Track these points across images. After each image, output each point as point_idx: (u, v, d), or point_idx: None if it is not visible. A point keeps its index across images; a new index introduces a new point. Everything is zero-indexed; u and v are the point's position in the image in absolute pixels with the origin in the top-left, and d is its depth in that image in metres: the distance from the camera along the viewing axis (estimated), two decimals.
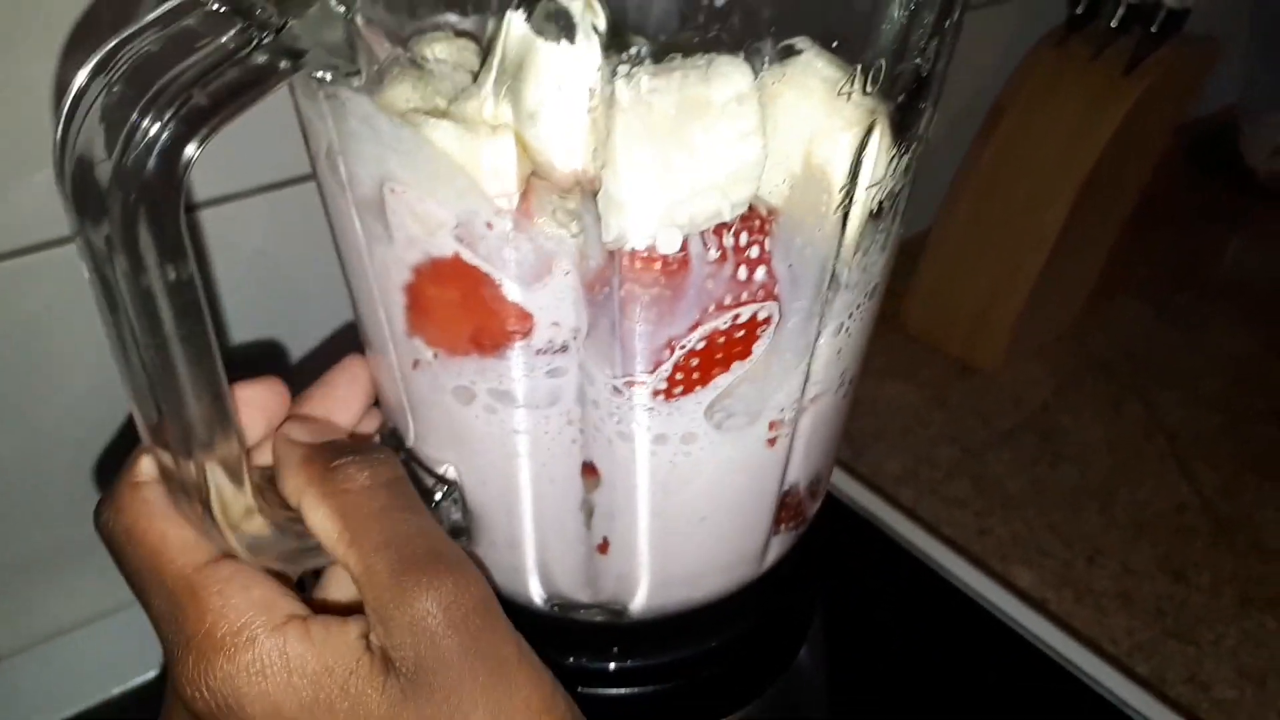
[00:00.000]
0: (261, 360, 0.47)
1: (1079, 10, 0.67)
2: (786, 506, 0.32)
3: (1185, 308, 0.81)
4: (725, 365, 0.26)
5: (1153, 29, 0.64)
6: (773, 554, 0.33)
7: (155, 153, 0.19)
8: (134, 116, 0.19)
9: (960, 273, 0.72)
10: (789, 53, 0.22)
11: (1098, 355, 0.76)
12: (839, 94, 0.22)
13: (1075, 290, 0.77)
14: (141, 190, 0.19)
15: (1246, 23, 0.94)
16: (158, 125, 0.19)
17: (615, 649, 0.33)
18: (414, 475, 0.29)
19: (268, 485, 0.26)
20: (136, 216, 0.19)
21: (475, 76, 0.22)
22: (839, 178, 0.24)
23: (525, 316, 0.24)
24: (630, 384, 0.26)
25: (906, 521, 0.60)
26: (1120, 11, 0.65)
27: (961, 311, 0.73)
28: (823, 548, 0.37)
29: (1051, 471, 0.66)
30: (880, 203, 0.25)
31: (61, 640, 0.47)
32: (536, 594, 0.31)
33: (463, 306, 0.24)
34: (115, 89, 0.20)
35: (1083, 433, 0.69)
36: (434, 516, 0.27)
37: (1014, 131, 0.67)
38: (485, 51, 0.22)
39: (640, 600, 0.31)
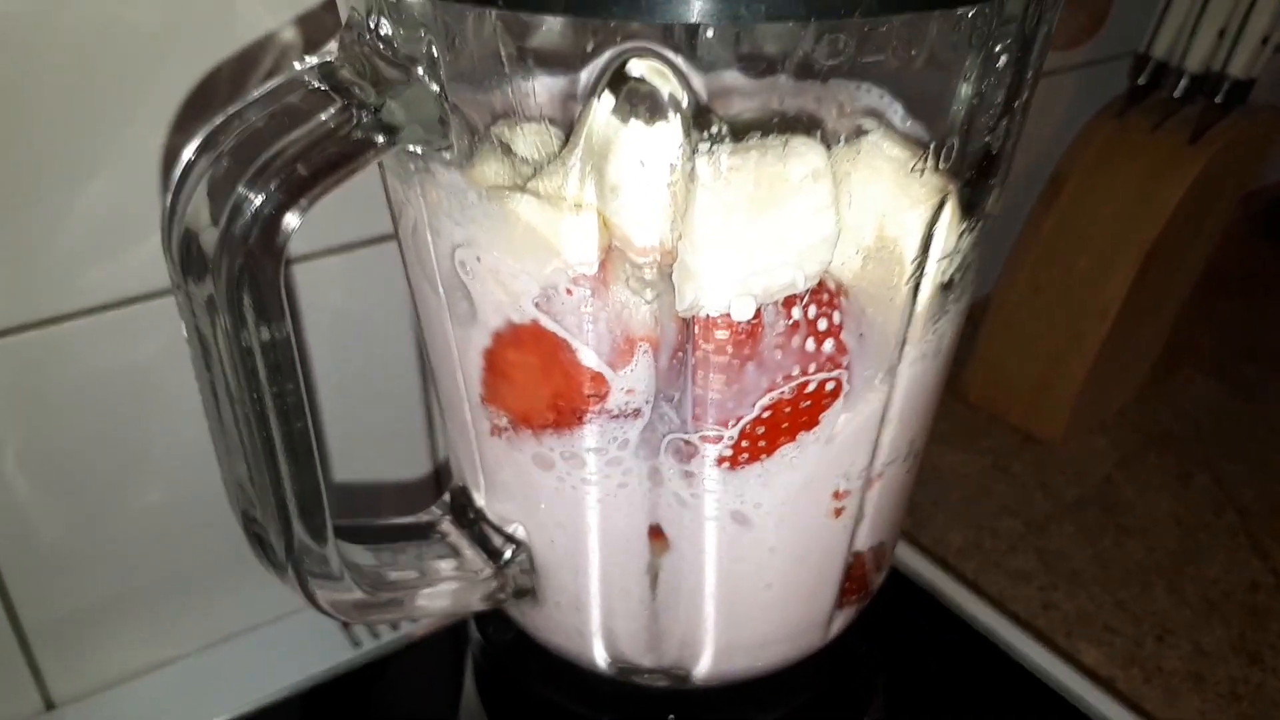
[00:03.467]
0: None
1: (1141, 81, 0.67)
2: (851, 578, 0.32)
3: (1252, 380, 0.80)
4: (791, 435, 0.26)
5: (1217, 99, 0.64)
6: (837, 625, 0.33)
7: (258, 221, 0.20)
8: (239, 188, 0.20)
9: (1021, 342, 0.71)
10: (859, 133, 0.23)
11: (1163, 428, 0.74)
12: (912, 171, 0.22)
13: (1139, 361, 0.75)
14: (245, 256, 0.20)
15: None
16: (261, 196, 0.20)
17: (677, 716, 0.33)
18: (483, 535, 0.29)
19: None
20: (239, 280, 0.20)
21: (560, 150, 0.23)
22: (910, 251, 0.24)
23: (601, 382, 0.25)
24: (697, 451, 0.26)
25: (969, 595, 0.59)
26: (1183, 82, 0.65)
27: (1023, 381, 0.72)
28: (886, 620, 0.37)
29: (1117, 546, 0.65)
30: (951, 276, 0.25)
31: (123, 688, 0.48)
32: (600, 657, 0.31)
33: (541, 371, 0.25)
34: (223, 162, 0.21)
35: (1149, 507, 0.68)
36: (502, 575, 0.28)
37: (1075, 201, 0.67)
38: (568, 131, 0.23)
39: (703, 666, 0.31)
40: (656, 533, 0.28)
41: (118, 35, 0.34)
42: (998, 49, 0.23)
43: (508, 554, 0.30)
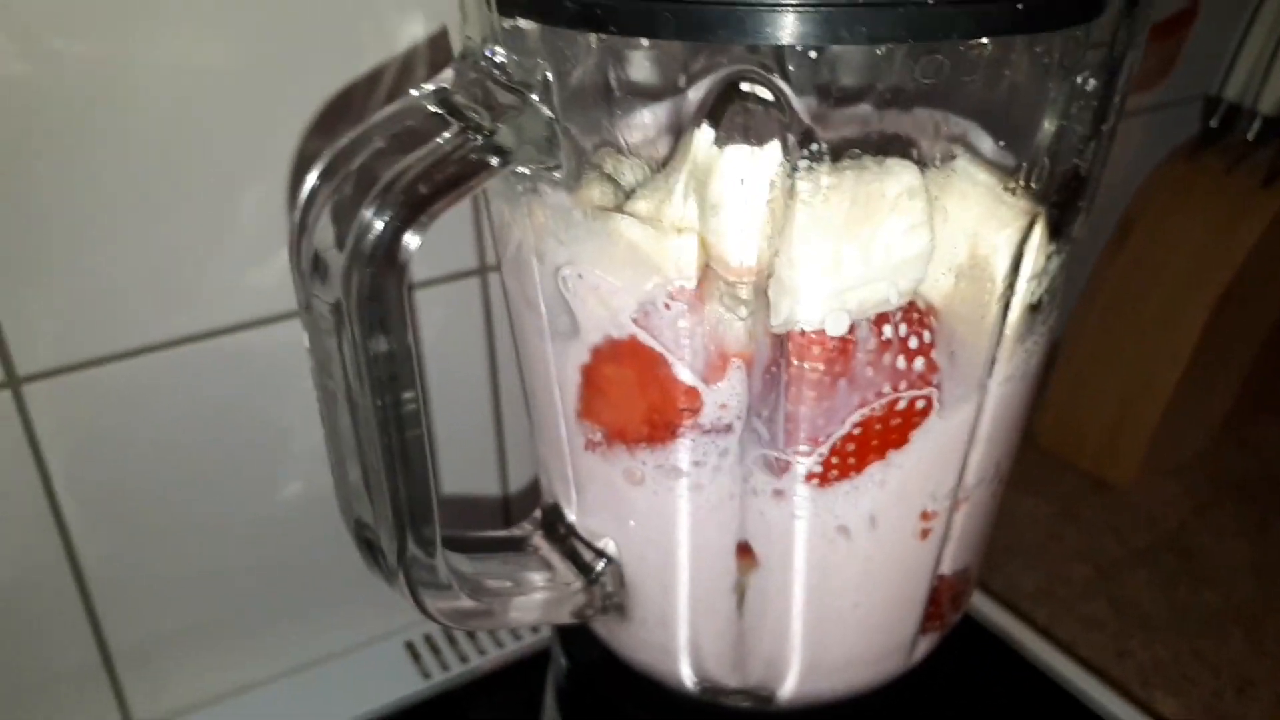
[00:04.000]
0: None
1: (1213, 124, 0.67)
2: (936, 602, 0.32)
3: None
4: (881, 453, 0.27)
5: None
6: (919, 651, 0.33)
7: (383, 238, 0.22)
8: (365, 207, 0.22)
9: (1092, 387, 0.71)
10: (951, 156, 0.24)
11: (1238, 474, 0.73)
12: (1006, 190, 0.23)
13: (1213, 407, 0.74)
14: (371, 271, 0.21)
15: None
16: (386, 215, 0.22)
17: None
18: (574, 550, 0.30)
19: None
20: (366, 294, 0.22)
21: (662, 169, 0.24)
22: (1001, 271, 0.25)
23: (695, 396, 0.26)
24: (788, 467, 0.27)
25: (1042, 641, 0.58)
26: (1256, 124, 0.65)
27: (1093, 426, 0.71)
28: (963, 657, 0.37)
29: (1193, 594, 0.63)
30: (1040, 296, 0.26)
31: (201, 713, 0.50)
32: (686, 676, 0.32)
33: (637, 386, 0.26)
34: (348, 182, 0.22)
35: (1225, 554, 0.66)
36: (591, 590, 0.28)
37: (1145, 243, 0.67)
38: (671, 151, 0.24)
39: (788, 687, 0.31)
40: (744, 550, 0.29)
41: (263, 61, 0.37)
42: (1086, 72, 0.24)
43: (598, 568, 0.30)
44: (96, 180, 0.36)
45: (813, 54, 0.21)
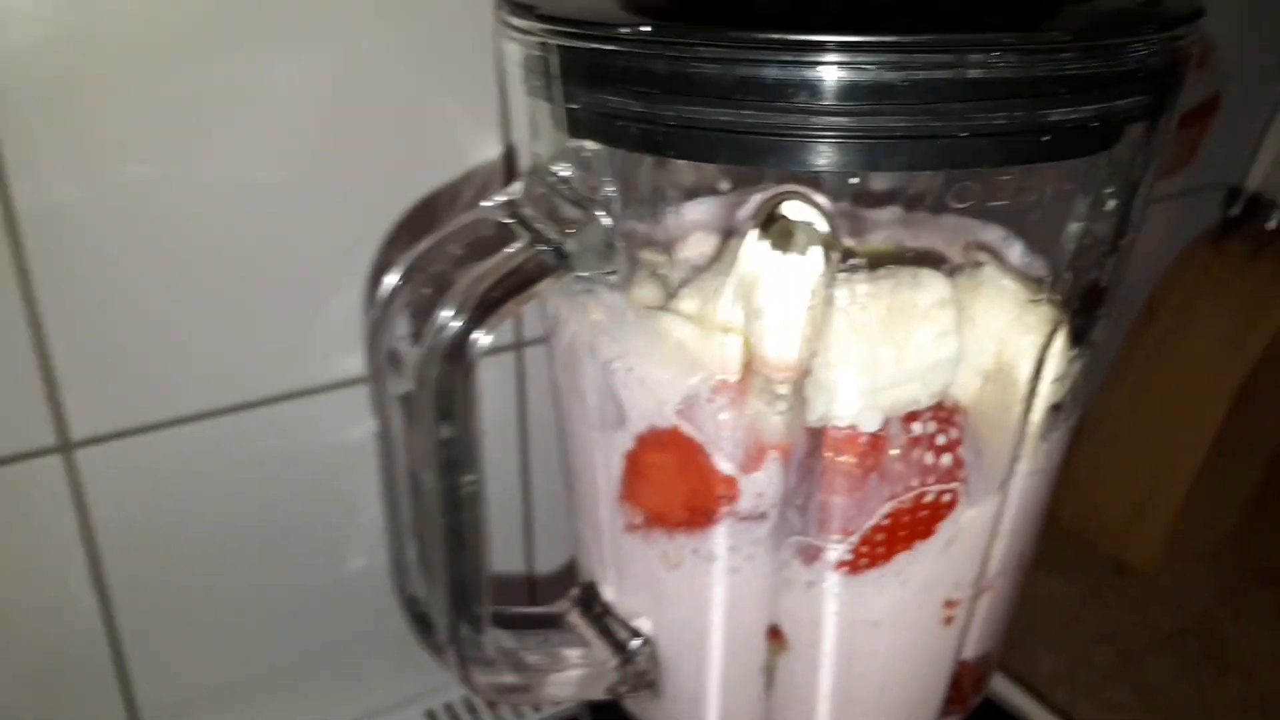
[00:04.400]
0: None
1: (1234, 212, 0.68)
2: (957, 686, 0.33)
3: None
4: (908, 543, 0.28)
5: None
6: None
7: (456, 337, 0.23)
8: (440, 308, 0.24)
9: (1114, 470, 0.71)
10: (978, 266, 0.26)
11: (1262, 562, 0.73)
12: (1031, 301, 0.25)
13: (1238, 491, 0.75)
14: (443, 366, 0.23)
15: None
16: (460, 317, 0.23)
17: None
18: (609, 628, 0.31)
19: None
20: (436, 386, 0.23)
21: (710, 275, 0.26)
22: (1025, 374, 0.26)
23: (732, 484, 0.27)
24: (819, 554, 0.28)
25: None
26: (1277, 215, 0.66)
27: (1116, 509, 0.72)
28: None
29: (1217, 683, 0.63)
30: (1062, 398, 0.27)
31: None
32: None
33: (678, 472, 0.28)
34: (425, 285, 0.24)
35: (1251, 643, 0.66)
36: (625, 668, 0.29)
37: (1170, 327, 0.68)
38: (713, 258, 0.26)
39: None
40: (775, 633, 0.30)
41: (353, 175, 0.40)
42: (1107, 193, 0.25)
43: (633, 646, 0.31)
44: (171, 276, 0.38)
45: (853, 180, 0.23)
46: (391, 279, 0.25)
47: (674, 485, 0.28)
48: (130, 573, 0.43)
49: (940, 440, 0.27)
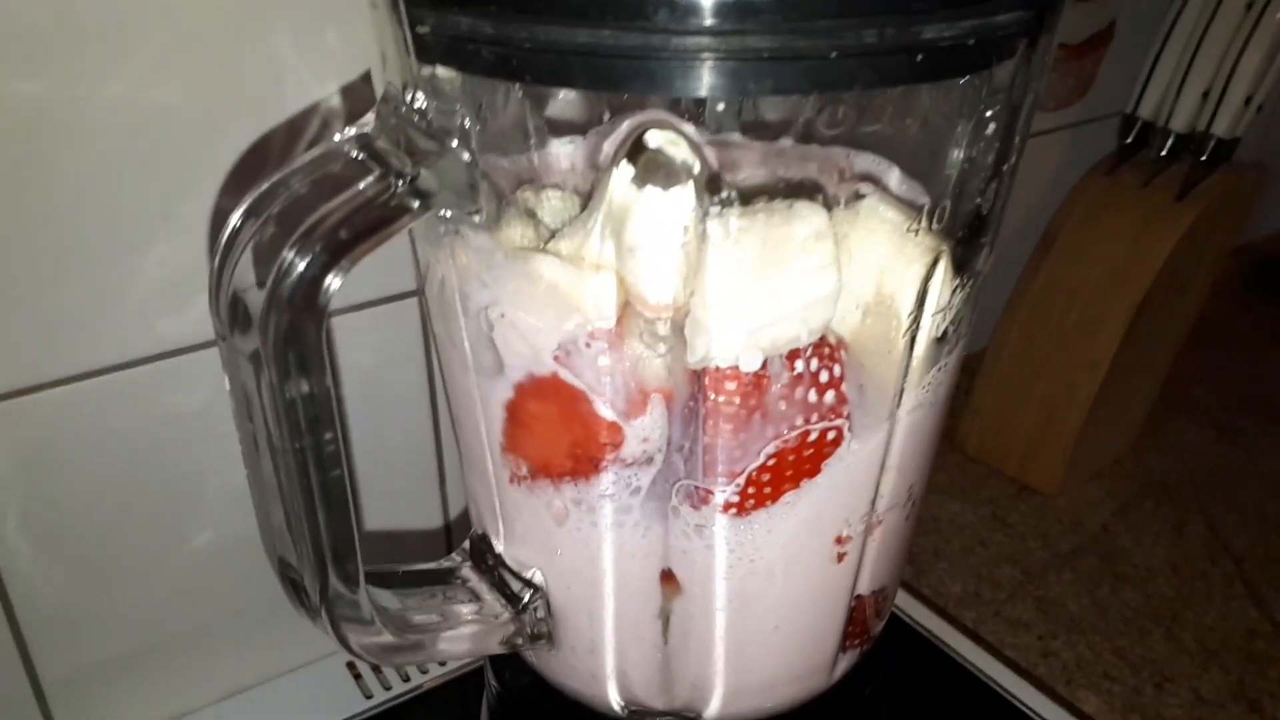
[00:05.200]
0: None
1: (1128, 140, 0.69)
2: (854, 621, 0.33)
3: (1245, 430, 0.81)
4: (795, 482, 0.28)
5: (1202, 158, 0.66)
6: (841, 668, 0.34)
7: (303, 283, 0.22)
8: (285, 251, 0.22)
9: (1015, 396, 0.73)
10: (857, 197, 0.25)
11: (1158, 477, 0.76)
12: (908, 231, 0.24)
13: (1133, 413, 0.77)
14: (291, 315, 0.22)
15: None
16: (306, 259, 0.22)
17: None
18: (502, 581, 0.30)
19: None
20: (285, 337, 0.22)
21: (580, 213, 0.24)
22: (906, 307, 0.26)
23: (617, 430, 0.26)
24: (707, 497, 0.27)
25: (969, 643, 0.59)
26: (1169, 141, 0.67)
27: (1018, 434, 0.73)
28: (887, 667, 0.38)
29: (1114, 594, 0.65)
30: (945, 329, 0.27)
31: None
32: (614, 700, 0.32)
33: (560, 421, 0.27)
34: (269, 226, 0.23)
35: (1145, 555, 0.68)
36: (520, 620, 0.29)
37: (1066, 257, 0.69)
38: (587, 196, 0.25)
39: (714, 708, 0.32)
40: (668, 577, 0.29)
41: (177, 111, 0.37)
42: (987, 116, 0.25)
43: (525, 598, 0.31)
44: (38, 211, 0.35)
45: (720, 104, 0.22)
46: (233, 219, 0.23)
47: (556, 434, 0.27)
48: (16, 544, 0.41)
49: (823, 377, 0.26)
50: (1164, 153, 0.68)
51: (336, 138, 0.24)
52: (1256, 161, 0.70)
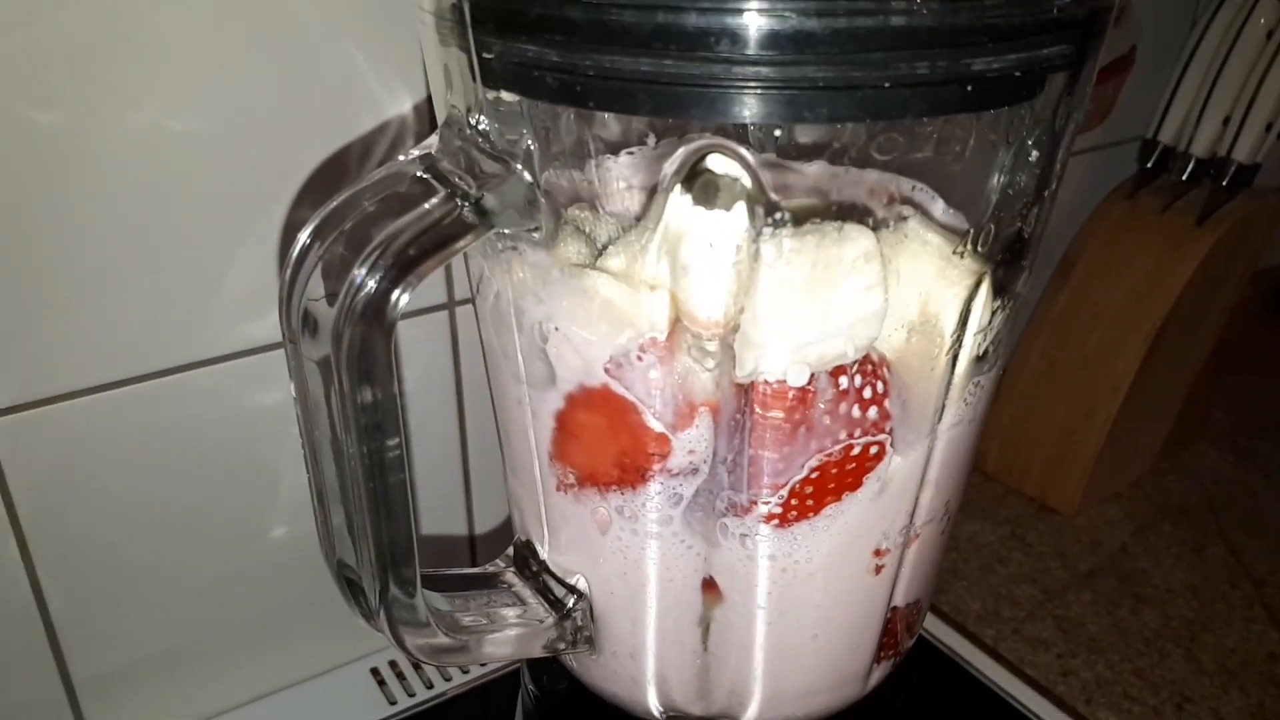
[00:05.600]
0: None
1: (1149, 164, 0.70)
2: (889, 632, 0.33)
3: (1265, 454, 0.81)
4: (837, 495, 0.28)
5: (1223, 183, 0.67)
6: (875, 678, 0.34)
7: (374, 297, 0.23)
8: (356, 268, 0.23)
9: (1035, 416, 0.73)
10: (903, 219, 0.26)
11: (1177, 500, 0.76)
12: (954, 253, 0.25)
13: (1152, 435, 0.77)
14: (362, 328, 0.23)
15: None
16: (377, 276, 0.23)
17: None
18: (545, 586, 0.31)
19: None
20: (357, 349, 0.23)
21: (636, 231, 0.25)
22: (949, 326, 0.26)
23: (664, 441, 0.27)
24: (750, 508, 0.28)
25: (989, 660, 0.60)
26: (1190, 166, 0.68)
27: (1037, 454, 0.74)
28: (916, 680, 0.38)
29: (1133, 615, 0.66)
30: (985, 349, 0.28)
31: None
32: (653, 705, 0.33)
33: (609, 431, 0.27)
34: (339, 243, 0.23)
35: (1164, 577, 0.69)
36: (562, 625, 0.29)
37: (1087, 279, 0.70)
38: (639, 215, 0.26)
39: (751, 714, 0.32)
40: (710, 585, 0.30)
41: (258, 127, 0.38)
42: (1030, 143, 0.25)
43: (569, 604, 0.31)
44: (79, 230, 0.37)
45: (777, 130, 0.23)
46: (303, 236, 0.24)
47: (605, 444, 0.28)
48: (56, 546, 0.42)
49: (867, 393, 0.27)
50: (1184, 177, 0.68)
51: (401, 158, 0.25)
52: (1277, 187, 0.71)
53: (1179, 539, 0.72)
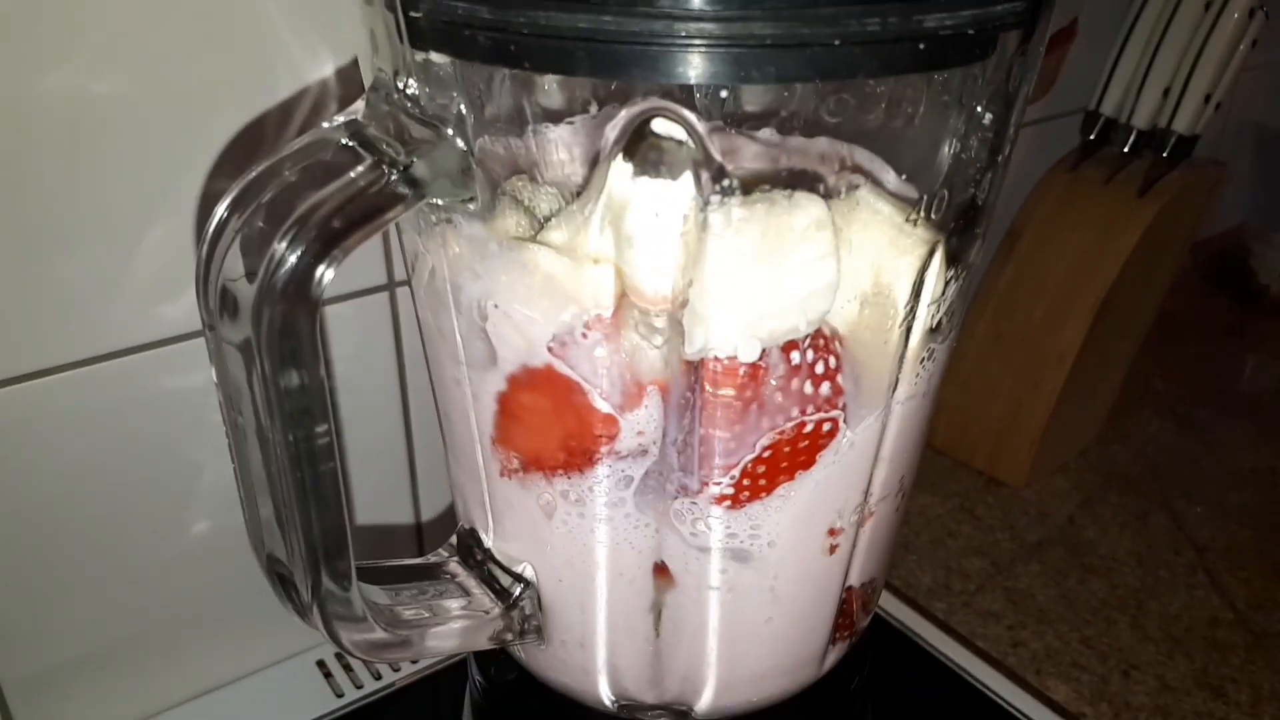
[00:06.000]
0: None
1: (1091, 137, 0.70)
2: (845, 613, 0.33)
3: (1206, 422, 0.83)
4: (790, 474, 0.28)
5: (1164, 154, 0.67)
6: (830, 660, 0.34)
7: (296, 274, 0.21)
8: (276, 241, 0.21)
9: (982, 390, 0.74)
10: (855, 187, 0.25)
11: (1121, 469, 0.77)
12: (907, 221, 0.24)
13: (1097, 406, 0.78)
14: (284, 306, 0.21)
15: (1250, 149, 0.98)
16: (299, 250, 0.21)
17: None
18: (491, 575, 0.30)
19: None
20: (279, 329, 0.21)
21: (576, 202, 0.24)
22: (903, 297, 0.26)
23: (612, 423, 0.26)
24: (701, 489, 0.27)
25: (940, 633, 0.60)
26: (1131, 138, 0.68)
27: (985, 428, 0.74)
28: (872, 659, 0.38)
29: (1081, 585, 0.66)
30: (939, 319, 0.27)
31: None
32: (605, 694, 0.32)
33: (554, 414, 0.26)
34: (258, 216, 0.22)
35: (1110, 546, 0.70)
36: (509, 615, 0.28)
37: (1031, 252, 0.70)
38: (585, 183, 0.24)
39: (705, 700, 0.32)
40: (661, 570, 0.29)
41: (170, 92, 0.36)
42: (983, 106, 0.25)
43: (516, 593, 0.30)
44: None
45: (723, 92, 0.21)
46: (220, 209, 0.22)
47: (550, 426, 0.27)
48: None
49: (819, 369, 0.26)
50: (1126, 149, 0.69)
51: (325, 125, 0.24)
52: (1214, 158, 0.72)
53: (1124, 508, 0.73)
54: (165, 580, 0.46)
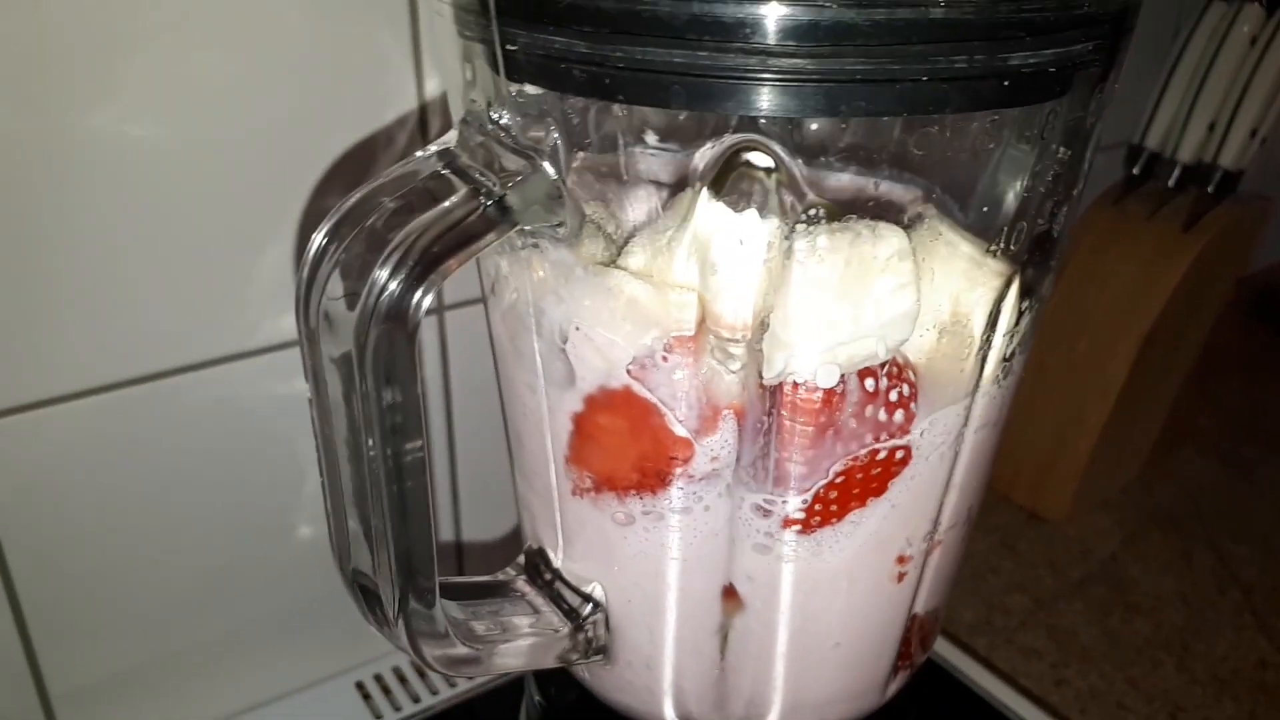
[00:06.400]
0: None
1: (1135, 171, 0.70)
2: (908, 640, 0.33)
3: (1251, 460, 0.82)
4: (862, 500, 0.28)
5: (1209, 189, 0.67)
6: (893, 688, 0.34)
7: (396, 298, 0.22)
8: (376, 269, 0.22)
9: (1024, 424, 0.73)
10: (933, 220, 0.25)
11: (1165, 507, 0.76)
12: (986, 253, 0.25)
13: (1140, 441, 0.78)
14: (384, 328, 0.22)
15: None
16: (399, 278, 0.22)
17: None
18: (559, 595, 0.30)
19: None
20: (381, 350, 0.22)
21: (663, 227, 0.25)
22: (978, 327, 0.26)
23: (687, 446, 0.26)
24: (772, 513, 0.28)
25: (983, 670, 0.59)
26: (1176, 172, 0.68)
27: (1027, 462, 0.74)
28: (931, 690, 0.38)
29: (1125, 624, 0.66)
30: (1012, 350, 0.27)
31: None
32: (669, 716, 0.32)
33: (630, 434, 0.27)
34: (359, 241, 0.23)
35: (1153, 585, 0.69)
36: (577, 635, 0.29)
37: (1075, 285, 0.70)
38: (665, 211, 0.25)
39: None
40: (730, 593, 0.30)
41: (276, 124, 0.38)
42: (1059, 141, 0.25)
43: (584, 613, 0.31)
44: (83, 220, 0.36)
45: (813, 125, 0.22)
46: (319, 236, 0.23)
47: (625, 447, 0.27)
48: (32, 554, 0.41)
49: (893, 396, 0.26)
50: (1171, 184, 0.69)
51: (419, 154, 0.25)
52: (1260, 193, 0.72)
53: (1168, 546, 0.72)
54: (209, 599, 0.46)
